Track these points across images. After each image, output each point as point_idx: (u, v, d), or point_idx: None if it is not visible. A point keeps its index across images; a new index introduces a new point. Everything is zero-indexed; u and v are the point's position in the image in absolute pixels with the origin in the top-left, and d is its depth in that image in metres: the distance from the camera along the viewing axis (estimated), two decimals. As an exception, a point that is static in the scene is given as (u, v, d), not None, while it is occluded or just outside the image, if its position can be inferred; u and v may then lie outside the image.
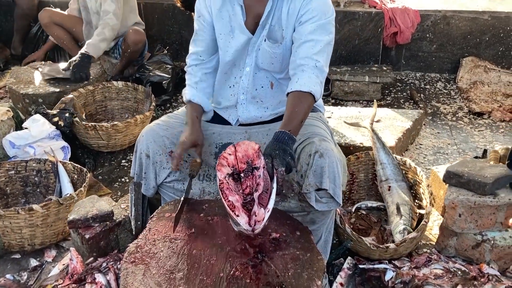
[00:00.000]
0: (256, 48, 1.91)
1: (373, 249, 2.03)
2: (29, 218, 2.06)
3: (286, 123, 1.67)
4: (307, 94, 1.72)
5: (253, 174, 1.58)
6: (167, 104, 3.68)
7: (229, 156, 1.63)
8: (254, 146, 1.63)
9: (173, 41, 4.35)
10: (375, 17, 3.90)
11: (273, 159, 1.56)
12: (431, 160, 2.92)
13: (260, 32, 1.88)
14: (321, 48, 1.78)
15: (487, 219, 2.06)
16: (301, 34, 1.80)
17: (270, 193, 1.53)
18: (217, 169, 1.61)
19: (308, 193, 1.78)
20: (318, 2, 1.80)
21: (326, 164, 1.73)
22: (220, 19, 1.92)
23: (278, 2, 1.84)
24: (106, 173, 2.88)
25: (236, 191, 1.58)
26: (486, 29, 3.91)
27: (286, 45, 1.87)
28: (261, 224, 1.51)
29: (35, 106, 3.10)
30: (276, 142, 1.60)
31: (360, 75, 3.70)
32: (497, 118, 3.38)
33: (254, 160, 1.61)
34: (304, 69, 1.76)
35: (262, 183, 1.55)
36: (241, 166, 1.62)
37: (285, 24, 1.85)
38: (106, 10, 3.50)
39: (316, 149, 1.75)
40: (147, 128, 2.02)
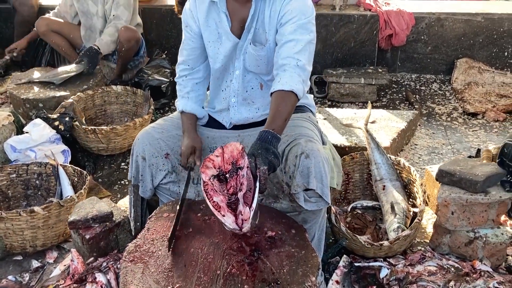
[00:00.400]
0: (243, 52, 1.96)
1: (368, 247, 2.07)
2: (31, 220, 2.11)
3: (270, 122, 1.71)
4: (290, 93, 1.76)
5: (237, 174, 1.61)
6: (165, 107, 3.73)
7: (216, 158, 1.66)
8: (238, 146, 1.66)
9: (172, 45, 4.40)
10: (370, 19, 3.96)
11: (256, 158, 1.59)
12: (426, 160, 2.96)
13: (246, 36, 1.93)
14: (302, 47, 1.82)
15: (479, 216, 2.10)
16: (282, 35, 1.84)
17: (253, 192, 1.57)
18: (201, 171, 1.64)
19: (297, 194, 1.82)
20: (297, 3, 1.85)
21: (312, 164, 1.77)
22: (207, 27, 1.97)
23: (260, 6, 1.89)
24: (105, 176, 2.92)
25: (221, 192, 1.62)
26: (480, 31, 3.96)
27: (270, 47, 1.92)
28: (248, 222, 1.55)
29: (36, 110, 3.16)
30: (259, 142, 1.63)
31: (356, 77, 3.75)
32: (491, 118, 3.43)
33: (238, 160, 1.64)
34: (286, 69, 1.79)
35: (245, 183, 1.58)
36: (227, 167, 1.65)
37: (268, 27, 1.90)
38: (119, 16, 3.62)
39: (302, 150, 1.79)
40: (142, 132, 2.07)
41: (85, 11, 3.71)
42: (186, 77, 2.08)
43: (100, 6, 3.66)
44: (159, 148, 2.02)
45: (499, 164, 2.13)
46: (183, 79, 2.08)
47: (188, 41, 2.04)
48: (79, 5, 3.70)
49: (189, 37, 2.02)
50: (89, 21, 3.74)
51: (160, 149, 2.02)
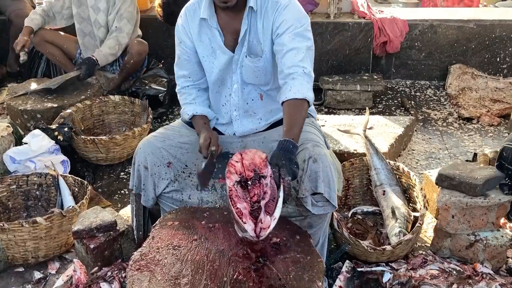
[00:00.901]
0: (240, 65, 1.98)
1: (371, 252, 2.08)
2: (33, 231, 2.10)
3: (288, 131, 1.72)
4: (303, 101, 1.79)
5: (260, 182, 1.63)
6: (163, 116, 3.74)
7: (236, 163, 1.68)
8: (261, 155, 1.68)
9: (168, 55, 4.40)
10: (365, 27, 4.00)
11: (280, 168, 1.61)
12: (424, 165, 2.99)
13: (240, 50, 1.95)
14: (304, 55, 1.85)
15: (479, 219, 2.13)
16: (282, 45, 1.86)
17: (276, 202, 1.58)
18: (227, 176, 1.65)
19: (305, 198, 1.84)
20: (290, 12, 1.88)
21: (320, 168, 1.80)
22: (201, 42, 1.99)
23: (252, 19, 1.91)
24: (105, 185, 2.92)
25: (244, 199, 1.63)
26: (472, 37, 4.02)
27: (267, 58, 1.95)
28: (267, 231, 1.56)
29: (34, 121, 3.15)
30: (282, 151, 1.65)
31: (352, 84, 3.79)
32: (486, 122, 3.48)
33: (261, 168, 1.66)
34: (294, 77, 1.82)
35: (269, 192, 1.61)
36: (248, 173, 1.67)
37: (262, 38, 1.92)
38: (121, 28, 3.62)
39: (310, 154, 1.82)
40: (144, 141, 2.08)
41: (85, 18, 3.70)
42: (188, 87, 2.09)
43: (102, 15, 3.66)
44: (161, 157, 2.03)
45: (498, 167, 2.16)
46: (186, 89, 2.10)
47: (183, 56, 2.05)
48: (80, 10, 3.69)
49: (185, 52, 2.04)
50: (88, 28, 3.73)
51: (162, 158, 2.03)
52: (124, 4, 3.62)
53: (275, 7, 1.89)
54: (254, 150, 1.73)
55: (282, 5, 1.88)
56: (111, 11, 3.65)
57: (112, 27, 3.65)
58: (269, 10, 1.89)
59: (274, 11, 1.88)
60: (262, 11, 1.90)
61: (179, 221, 1.86)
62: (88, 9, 3.67)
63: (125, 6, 3.62)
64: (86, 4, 3.66)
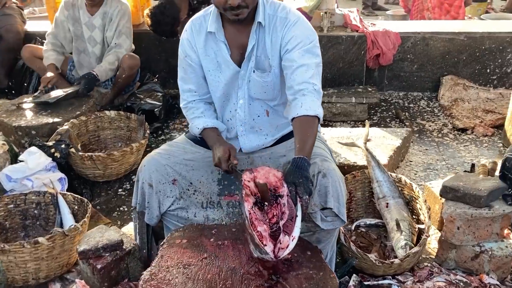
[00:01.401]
0: (247, 80, 1.97)
1: (378, 265, 2.08)
2: (34, 251, 2.05)
3: (301, 148, 1.71)
4: (314, 118, 1.79)
5: (278, 202, 1.61)
6: (159, 131, 3.71)
7: (249, 183, 1.66)
8: (277, 173, 1.66)
9: (161, 69, 4.41)
10: (358, 40, 4.05)
11: (297, 187, 1.60)
12: (422, 176, 3.01)
13: (247, 65, 1.94)
14: (313, 71, 1.86)
15: (483, 230, 2.14)
16: (291, 61, 1.86)
17: (295, 221, 1.57)
18: (245, 199, 1.62)
19: (314, 213, 1.83)
20: (299, 29, 1.88)
21: (330, 183, 1.79)
22: (206, 56, 1.98)
23: (260, 35, 1.91)
24: (103, 202, 2.87)
25: (263, 221, 1.60)
26: (463, 49, 4.10)
27: (275, 73, 1.94)
28: (285, 251, 1.54)
29: (28, 138, 3.10)
30: (298, 170, 1.64)
31: (347, 97, 3.81)
32: (480, 133, 3.52)
33: (278, 188, 1.64)
34: (305, 93, 1.82)
35: (287, 212, 1.59)
36: None
37: (270, 53, 1.92)
38: (121, 44, 3.65)
39: (319, 169, 1.81)
40: (148, 158, 2.04)
41: (79, 35, 3.69)
42: (195, 101, 2.07)
43: (98, 32, 3.65)
44: (166, 174, 2.00)
45: (501, 178, 2.18)
46: (193, 103, 2.07)
47: (189, 69, 2.03)
48: (74, 28, 3.68)
49: (189, 65, 2.01)
50: (83, 45, 3.72)
51: (167, 175, 2.00)
52: (122, 20, 3.62)
53: (284, 23, 1.89)
54: (267, 168, 1.71)
55: (291, 21, 1.88)
56: (108, 27, 3.65)
57: (112, 44, 3.64)
58: (278, 26, 1.89)
59: (283, 27, 1.89)
60: (270, 27, 1.90)
61: (187, 239, 1.83)
62: (82, 26, 3.66)
63: (123, 22, 3.63)
64: (80, 21, 3.65)
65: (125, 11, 3.68)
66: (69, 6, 3.67)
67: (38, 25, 4.62)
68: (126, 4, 3.73)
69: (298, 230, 1.57)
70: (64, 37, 3.72)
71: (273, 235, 1.59)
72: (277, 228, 1.58)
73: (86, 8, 3.64)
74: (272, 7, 1.93)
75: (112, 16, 3.63)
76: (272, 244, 1.57)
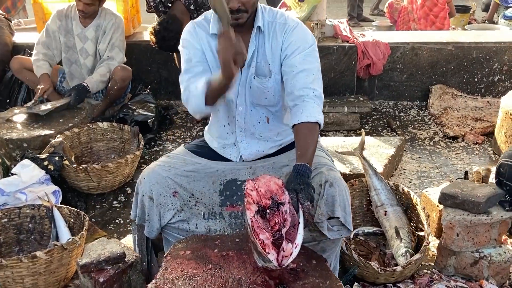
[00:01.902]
0: (247, 87, 1.96)
1: (381, 273, 2.08)
2: (32, 266, 2.00)
3: (302, 155, 1.71)
4: (315, 124, 1.79)
5: (279, 210, 1.61)
6: (151, 142, 3.68)
7: (252, 192, 1.65)
8: (277, 181, 1.66)
9: (152, 80, 4.39)
10: (349, 50, 4.10)
11: (298, 193, 1.60)
12: (417, 184, 3.04)
13: (246, 71, 1.94)
14: (314, 76, 1.87)
15: (482, 236, 2.17)
16: (291, 66, 1.86)
17: (297, 228, 1.57)
18: (247, 207, 1.61)
19: (321, 223, 1.83)
20: (298, 34, 1.89)
21: (337, 193, 1.80)
22: (209, 51, 1.94)
23: (260, 40, 1.92)
24: (98, 215, 2.83)
25: (265, 229, 1.59)
26: (451, 59, 4.17)
27: (275, 78, 1.94)
28: (289, 259, 1.53)
29: (20, 151, 3.04)
30: (298, 176, 1.64)
31: (339, 106, 3.84)
32: (471, 141, 3.58)
33: (279, 195, 1.63)
34: (305, 99, 1.82)
35: (289, 219, 1.58)
36: (266, 201, 1.64)
37: (270, 59, 1.92)
38: (113, 57, 3.64)
39: (326, 178, 1.82)
40: (148, 170, 2.02)
41: (71, 46, 3.67)
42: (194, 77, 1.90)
43: (91, 44, 3.64)
44: (167, 186, 1.98)
45: (497, 184, 2.21)
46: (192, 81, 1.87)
47: (194, 57, 1.90)
48: (66, 39, 3.66)
49: (195, 54, 1.90)
50: (74, 56, 3.69)
51: (168, 188, 1.98)
52: (116, 33, 3.62)
53: (283, 29, 1.90)
54: (268, 176, 1.71)
55: (290, 27, 1.90)
56: (101, 40, 3.63)
57: (104, 56, 3.63)
58: (278, 31, 1.90)
59: (282, 33, 1.90)
60: (270, 32, 1.91)
61: (191, 250, 1.81)
62: (74, 37, 3.63)
63: (116, 35, 3.63)
64: (72, 33, 3.63)
65: (119, 24, 3.68)
66: (62, 16, 3.64)
67: (26, 37, 4.57)
68: (120, 17, 3.73)
69: (301, 237, 1.57)
70: (55, 47, 3.69)
71: (275, 243, 1.58)
72: (279, 236, 1.57)
73: (79, 19, 3.62)
74: (271, 14, 1.95)
75: (106, 29, 3.62)
76: (275, 252, 1.55)
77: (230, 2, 1.75)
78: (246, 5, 1.79)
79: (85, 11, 3.54)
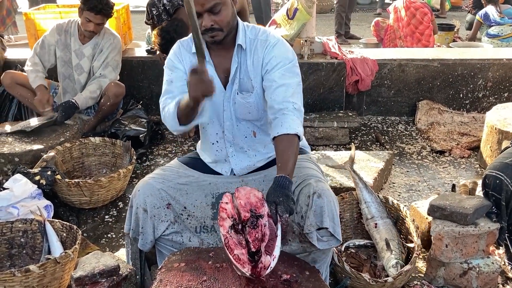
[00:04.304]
0: (232, 103, 2.01)
1: (372, 284, 2.11)
2: (25, 280, 1.99)
3: (283, 167, 1.74)
4: (294, 136, 1.82)
5: (258, 223, 1.63)
6: (143, 157, 3.70)
7: (227, 205, 1.67)
8: (257, 193, 1.68)
9: (143, 96, 4.42)
10: (338, 67, 4.18)
11: (277, 205, 1.62)
12: (406, 197, 3.10)
13: (231, 87, 1.99)
14: (293, 90, 1.90)
15: (471, 247, 2.22)
16: (271, 81, 1.91)
17: (275, 241, 1.59)
18: (220, 224, 1.63)
19: (310, 233, 1.86)
20: (279, 50, 1.94)
21: (325, 203, 1.83)
22: None
23: (242, 57, 1.97)
24: (90, 230, 2.83)
25: (241, 243, 1.61)
26: (437, 75, 4.28)
27: (258, 93, 1.99)
28: (267, 271, 1.57)
29: (11, 165, 3.04)
30: (278, 188, 1.66)
31: (329, 121, 3.91)
32: (457, 155, 3.66)
33: (258, 208, 1.65)
34: (285, 112, 1.85)
35: (267, 232, 1.60)
36: (245, 214, 1.65)
37: (252, 75, 1.97)
38: (105, 75, 3.67)
39: (314, 190, 1.85)
40: (142, 183, 2.04)
41: (66, 61, 3.69)
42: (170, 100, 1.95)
43: (87, 61, 3.68)
44: (161, 198, 2.00)
45: (484, 195, 2.27)
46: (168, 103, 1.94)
47: (175, 79, 1.97)
48: (63, 54, 3.69)
49: (177, 76, 1.97)
50: (69, 71, 3.72)
51: (162, 200, 2.01)
52: (112, 52, 3.67)
53: (264, 45, 1.95)
54: (248, 188, 1.73)
55: (271, 43, 1.95)
56: (97, 58, 3.68)
57: (96, 73, 3.66)
58: (259, 47, 1.96)
59: (263, 49, 1.95)
60: (251, 49, 1.96)
61: (185, 262, 1.83)
62: (71, 53, 3.66)
63: (112, 55, 3.68)
64: (70, 48, 3.67)
65: (117, 45, 3.73)
66: (61, 31, 3.68)
67: (17, 53, 4.59)
68: (118, 38, 3.77)
69: (278, 249, 1.59)
70: (47, 60, 3.71)
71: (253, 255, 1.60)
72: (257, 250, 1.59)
73: (78, 36, 3.66)
74: (253, 31, 2.00)
75: (103, 48, 3.66)
76: (250, 266, 1.58)
77: (204, 20, 1.81)
78: (220, 23, 1.84)
79: (96, 31, 3.59)
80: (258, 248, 1.61)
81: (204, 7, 1.79)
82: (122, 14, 4.46)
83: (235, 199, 1.72)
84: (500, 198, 2.18)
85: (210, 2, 1.79)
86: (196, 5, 1.76)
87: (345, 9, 7.63)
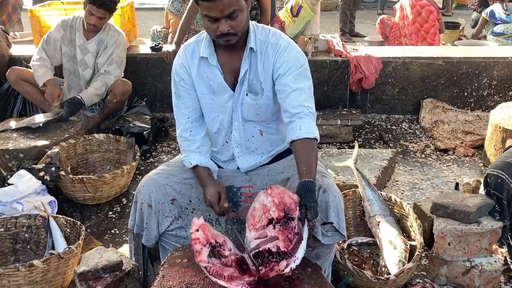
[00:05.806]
0: (240, 103, 2.00)
1: (374, 282, 2.11)
2: (29, 274, 2.01)
3: (308, 171, 1.75)
4: (314, 140, 1.85)
5: (289, 224, 1.67)
6: (147, 154, 3.71)
7: (197, 233, 1.69)
8: (293, 196, 1.70)
9: (147, 92, 4.43)
10: (342, 65, 4.18)
11: (307, 210, 1.65)
12: (409, 195, 3.09)
13: (240, 88, 1.98)
14: (306, 94, 1.92)
15: (473, 246, 2.21)
16: (284, 85, 1.91)
17: (300, 243, 1.62)
18: (197, 259, 1.65)
19: (315, 228, 1.87)
20: (290, 54, 1.93)
21: (330, 198, 1.85)
22: (200, 79, 2.00)
23: (252, 60, 1.96)
24: (94, 226, 2.84)
25: (225, 264, 1.65)
26: (441, 73, 4.27)
27: (267, 96, 1.99)
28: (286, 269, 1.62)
29: (16, 161, 3.06)
30: (309, 193, 1.68)
31: (333, 119, 3.90)
32: (461, 153, 3.65)
33: (292, 210, 1.69)
34: (301, 116, 1.87)
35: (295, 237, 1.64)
36: (279, 213, 1.71)
37: (262, 77, 1.96)
38: (110, 72, 3.68)
39: (320, 185, 1.86)
40: (147, 178, 2.05)
41: (71, 56, 3.71)
42: (191, 132, 2.05)
43: (91, 57, 3.68)
44: (166, 194, 2.02)
45: (486, 194, 2.27)
46: (190, 134, 2.06)
47: (184, 94, 2.03)
48: (68, 49, 3.70)
49: (184, 90, 2.02)
50: (74, 67, 3.73)
51: (167, 195, 2.02)
52: (117, 49, 3.68)
53: (275, 49, 1.94)
54: (282, 187, 1.77)
55: (282, 47, 1.94)
56: (102, 54, 3.68)
57: (101, 70, 3.67)
58: (270, 51, 1.95)
59: (274, 53, 1.94)
60: (262, 52, 1.95)
61: (188, 258, 1.84)
62: (76, 48, 3.67)
63: (117, 52, 3.68)
64: (74, 44, 3.67)
65: (121, 41, 3.73)
66: (66, 26, 3.69)
67: (23, 49, 4.61)
68: (122, 35, 3.78)
69: (302, 251, 1.62)
70: (54, 56, 3.72)
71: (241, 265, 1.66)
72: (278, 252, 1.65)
73: (82, 31, 3.67)
74: (263, 33, 1.99)
75: (108, 44, 3.67)
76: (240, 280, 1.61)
77: (221, 26, 1.81)
78: (236, 28, 1.84)
79: (97, 25, 3.59)
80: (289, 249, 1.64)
81: (223, 13, 1.78)
82: (127, 11, 4.46)
83: (268, 196, 1.76)
84: (502, 197, 2.18)
85: (229, 8, 1.78)
86: (214, 11, 1.77)
87: (350, 7, 7.62)
